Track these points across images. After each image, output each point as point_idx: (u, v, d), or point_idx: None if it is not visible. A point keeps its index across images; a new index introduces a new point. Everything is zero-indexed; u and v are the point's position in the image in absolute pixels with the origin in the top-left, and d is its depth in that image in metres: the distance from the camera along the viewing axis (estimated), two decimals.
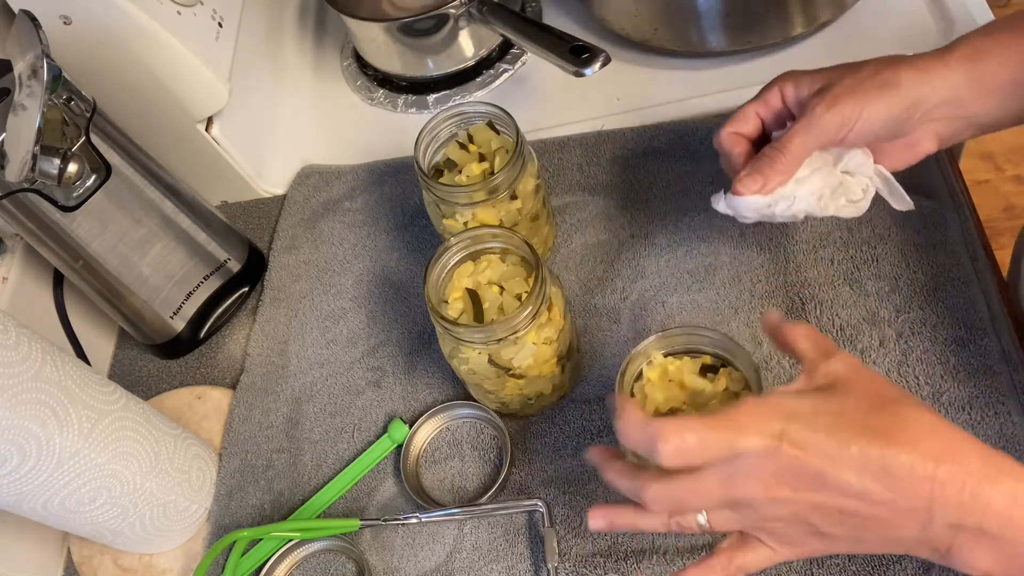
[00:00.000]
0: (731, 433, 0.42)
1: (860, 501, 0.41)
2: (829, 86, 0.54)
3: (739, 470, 0.42)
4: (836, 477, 0.41)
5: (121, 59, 0.73)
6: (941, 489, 0.40)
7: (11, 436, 0.54)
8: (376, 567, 0.65)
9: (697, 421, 0.42)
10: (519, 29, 0.79)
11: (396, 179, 0.84)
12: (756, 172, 0.55)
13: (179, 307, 0.76)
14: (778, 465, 0.41)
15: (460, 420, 0.70)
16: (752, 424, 0.42)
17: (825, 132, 0.54)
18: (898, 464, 0.40)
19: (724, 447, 0.42)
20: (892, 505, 0.41)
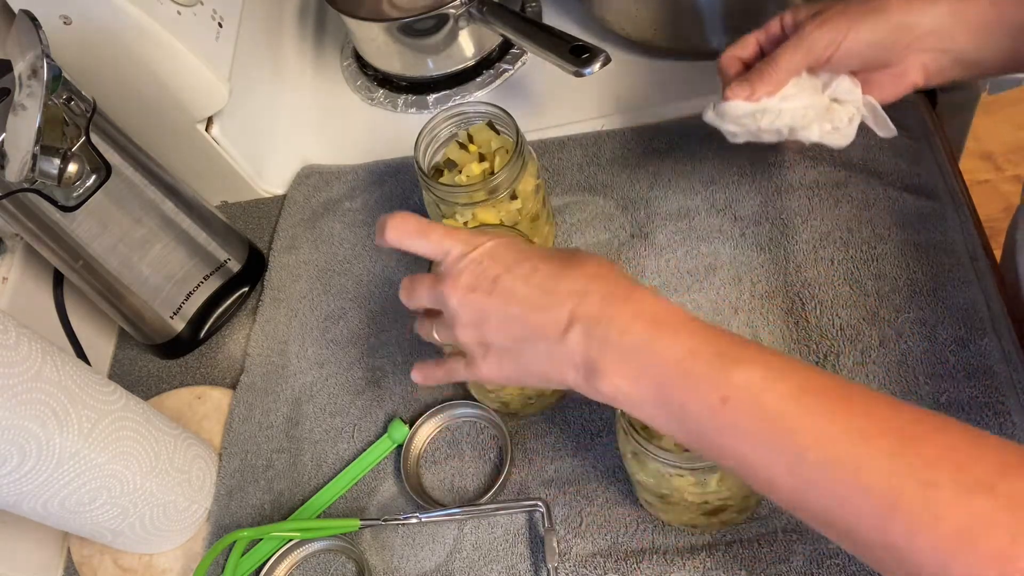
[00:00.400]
0: (443, 232, 0.51)
1: (519, 304, 0.47)
2: (822, 10, 0.58)
3: (442, 269, 0.50)
4: (506, 282, 0.48)
5: (121, 59, 0.73)
6: (582, 302, 0.46)
7: (11, 436, 0.54)
8: (376, 567, 0.65)
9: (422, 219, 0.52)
10: (519, 29, 0.79)
11: (396, 179, 0.84)
12: (745, 80, 0.59)
13: (179, 307, 0.76)
14: (468, 266, 0.49)
15: (460, 420, 0.70)
16: (464, 235, 0.50)
17: (813, 48, 0.57)
18: (557, 277, 0.47)
19: (435, 239, 0.51)
20: (543, 309, 0.47)
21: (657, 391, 0.43)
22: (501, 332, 0.48)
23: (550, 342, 0.46)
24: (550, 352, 0.47)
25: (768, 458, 0.41)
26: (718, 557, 0.60)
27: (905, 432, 0.39)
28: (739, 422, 0.41)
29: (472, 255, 0.49)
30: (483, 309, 0.48)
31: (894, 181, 0.72)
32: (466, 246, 0.50)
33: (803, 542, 0.59)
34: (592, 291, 0.46)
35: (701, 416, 0.42)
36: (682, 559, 0.60)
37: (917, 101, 0.76)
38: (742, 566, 0.59)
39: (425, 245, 0.51)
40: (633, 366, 0.44)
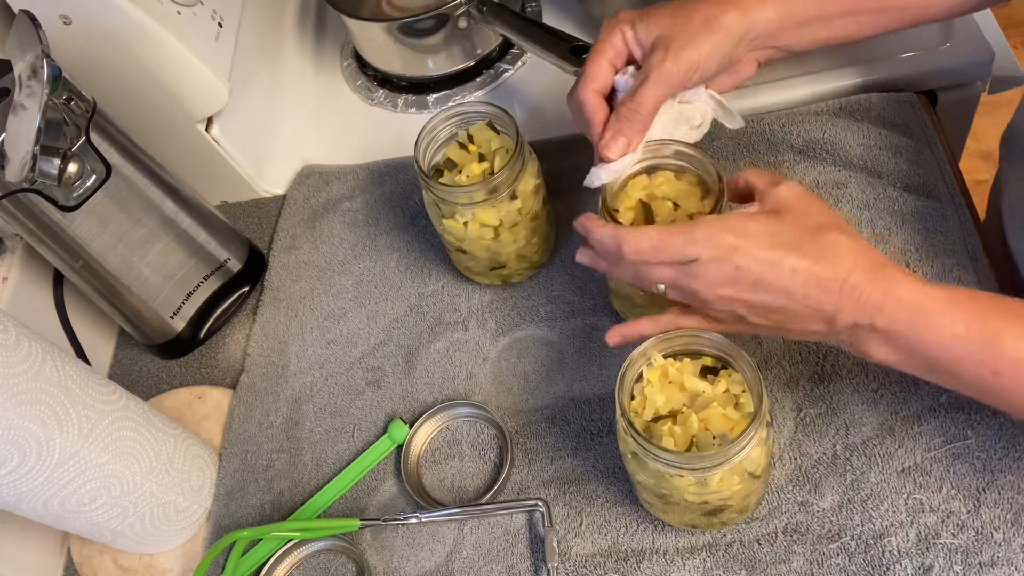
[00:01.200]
0: (684, 241, 0.52)
1: (786, 301, 0.51)
2: (667, 38, 0.58)
3: (692, 271, 0.52)
4: (770, 283, 0.51)
5: (121, 59, 0.73)
6: (843, 300, 0.50)
7: (11, 436, 0.54)
8: (376, 567, 0.65)
9: (656, 228, 0.54)
10: (519, 29, 0.79)
11: (396, 179, 0.84)
12: (619, 134, 0.59)
13: (179, 307, 0.76)
14: (723, 271, 0.51)
15: (460, 420, 0.70)
16: (705, 238, 0.52)
17: (673, 82, 0.59)
18: (816, 277, 0.50)
19: (676, 252, 0.52)
20: (807, 306, 0.51)
21: (927, 366, 0.51)
22: (762, 318, 0.53)
23: (815, 327, 0.52)
24: (814, 333, 0.53)
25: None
26: (718, 557, 0.60)
27: None
28: (1011, 389, 0.49)
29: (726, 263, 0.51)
30: (744, 303, 0.52)
31: (894, 181, 0.72)
32: (718, 250, 0.51)
33: (803, 542, 0.59)
34: (852, 288, 0.50)
35: (973, 384, 0.51)
36: (682, 559, 0.60)
37: (917, 101, 0.76)
38: (742, 566, 0.59)
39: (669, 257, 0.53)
40: (903, 349, 0.51)
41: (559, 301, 0.73)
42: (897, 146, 0.74)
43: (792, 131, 0.76)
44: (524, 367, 0.71)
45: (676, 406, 0.55)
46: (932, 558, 0.57)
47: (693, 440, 0.53)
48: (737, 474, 0.53)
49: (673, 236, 0.52)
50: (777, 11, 0.59)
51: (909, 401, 0.62)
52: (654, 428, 0.54)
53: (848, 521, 0.59)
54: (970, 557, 0.56)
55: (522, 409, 0.69)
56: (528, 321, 0.73)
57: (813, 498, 0.60)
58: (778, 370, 0.66)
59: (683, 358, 0.56)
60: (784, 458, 0.62)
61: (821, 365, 0.65)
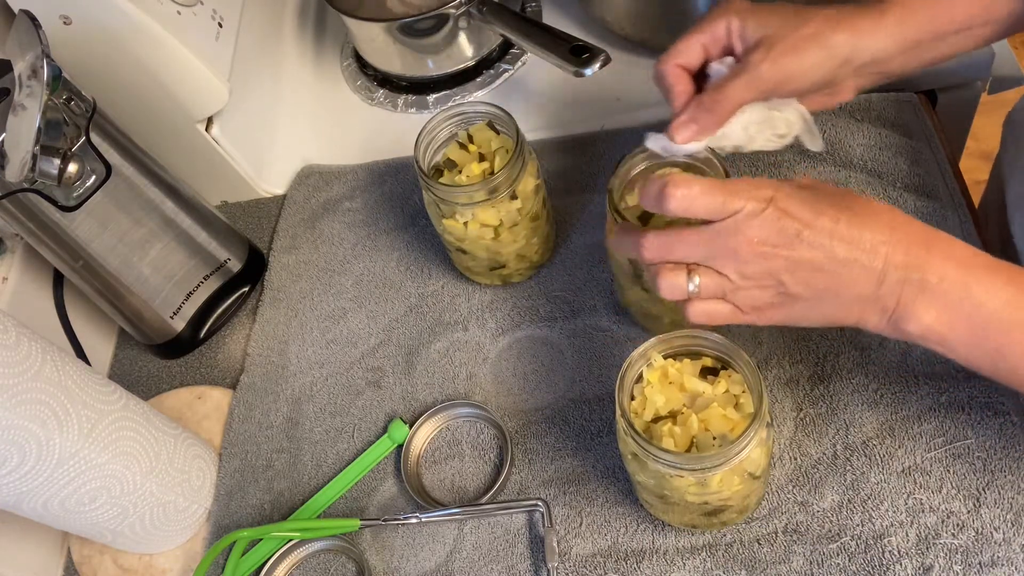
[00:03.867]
0: (728, 193, 0.50)
1: (827, 258, 0.49)
2: (772, 40, 0.56)
3: (732, 227, 0.49)
4: (811, 237, 0.48)
5: (121, 59, 0.73)
6: (892, 250, 0.48)
7: (11, 436, 0.54)
8: (376, 567, 0.65)
9: (701, 180, 0.50)
10: (519, 29, 0.79)
11: (396, 179, 0.84)
12: (692, 120, 0.57)
13: (179, 307, 0.76)
14: (762, 223, 0.49)
15: (460, 420, 0.70)
16: (746, 190, 0.50)
17: (762, 85, 0.57)
18: (859, 228, 0.48)
19: (720, 201, 0.49)
20: (854, 263, 0.48)
21: (971, 333, 0.48)
22: (805, 285, 0.50)
23: (861, 291, 0.49)
24: (859, 299, 0.49)
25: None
26: (718, 557, 0.60)
27: None
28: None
29: (768, 212, 0.49)
30: (786, 263, 0.49)
31: (894, 181, 0.72)
32: (758, 203, 0.49)
33: (803, 542, 0.59)
34: (898, 239, 0.48)
35: (1018, 358, 0.48)
36: (682, 559, 0.60)
37: (917, 101, 0.76)
38: (742, 566, 0.59)
39: (711, 208, 0.50)
40: (950, 311, 0.48)
41: (559, 301, 0.73)
42: (897, 146, 0.74)
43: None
44: (524, 367, 0.71)
45: (676, 406, 0.55)
46: (932, 558, 0.57)
47: (693, 440, 0.53)
48: (737, 474, 0.53)
49: (719, 186, 0.50)
50: (892, 37, 0.56)
51: (909, 401, 0.62)
52: (654, 429, 0.54)
53: (848, 521, 0.59)
54: (970, 557, 0.56)
55: (522, 409, 0.69)
56: (528, 321, 0.73)
57: (813, 498, 0.60)
58: (778, 370, 0.66)
59: (683, 358, 0.56)
60: (784, 458, 0.62)
61: (821, 365, 0.65)
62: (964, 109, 0.84)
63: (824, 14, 0.56)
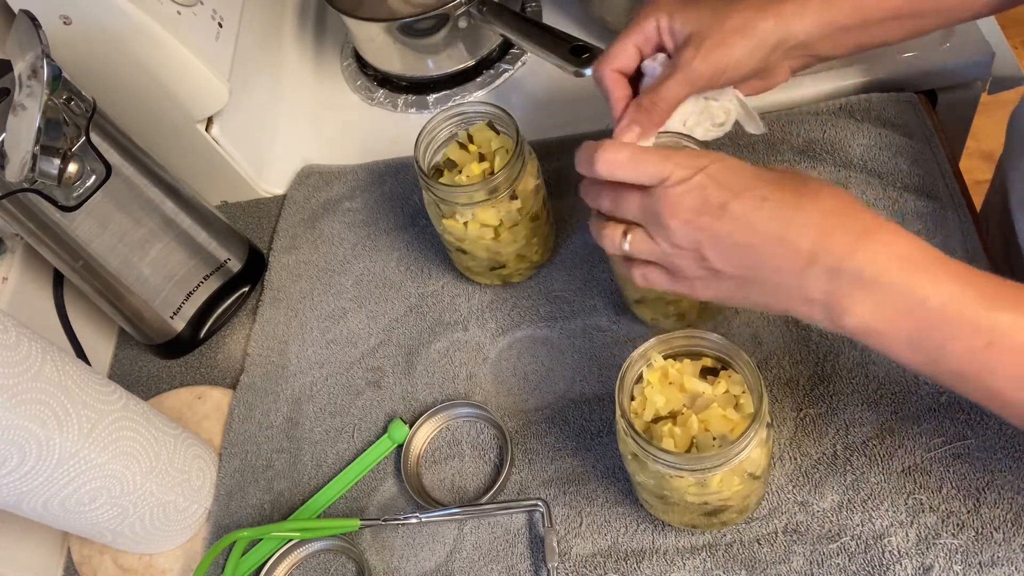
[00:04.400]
0: (659, 158, 0.49)
1: (751, 235, 0.46)
2: (701, 35, 0.56)
3: (659, 193, 0.49)
4: (736, 209, 0.46)
5: (121, 59, 0.73)
6: (826, 235, 0.45)
7: (11, 436, 0.54)
8: (376, 567, 0.65)
9: (631, 146, 0.51)
10: (519, 29, 0.79)
11: (396, 179, 0.84)
12: (635, 123, 0.57)
13: (179, 307, 0.76)
14: (687, 191, 0.48)
15: (460, 420, 0.70)
16: (681, 159, 0.49)
17: (698, 82, 0.57)
18: (791, 208, 0.46)
19: (651, 167, 0.49)
20: (778, 242, 0.46)
21: (913, 333, 0.45)
22: (726, 260, 0.48)
23: (784, 276, 0.46)
24: (783, 286, 0.47)
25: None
26: (718, 557, 0.60)
27: None
28: (1002, 365, 0.44)
29: (695, 179, 0.48)
30: (708, 235, 0.48)
31: (894, 181, 0.72)
32: (687, 170, 0.48)
33: (803, 542, 0.59)
34: (834, 226, 0.45)
35: (961, 358, 0.44)
36: (682, 559, 0.60)
37: (917, 101, 0.76)
38: (742, 566, 0.59)
39: (638, 173, 0.50)
40: (888, 308, 0.45)
41: (559, 301, 0.73)
42: (897, 146, 0.74)
43: (792, 131, 0.76)
44: (524, 367, 0.71)
45: (676, 407, 0.55)
46: (932, 558, 0.57)
47: (693, 441, 0.53)
48: (737, 475, 0.53)
49: (650, 153, 0.50)
50: (817, 20, 0.56)
51: (909, 401, 0.62)
52: (654, 429, 0.54)
53: (848, 521, 0.59)
54: (970, 557, 0.56)
55: (522, 409, 0.69)
56: (528, 321, 0.73)
57: (813, 498, 0.60)
58: (778, 370, 0.66)
59: (683, 359, 0.56)
60: (784, 458, 0.62)
61: (821, 365, 0.65)
62: (964, 109, 0.84)
63: (749, 3, 0.57)
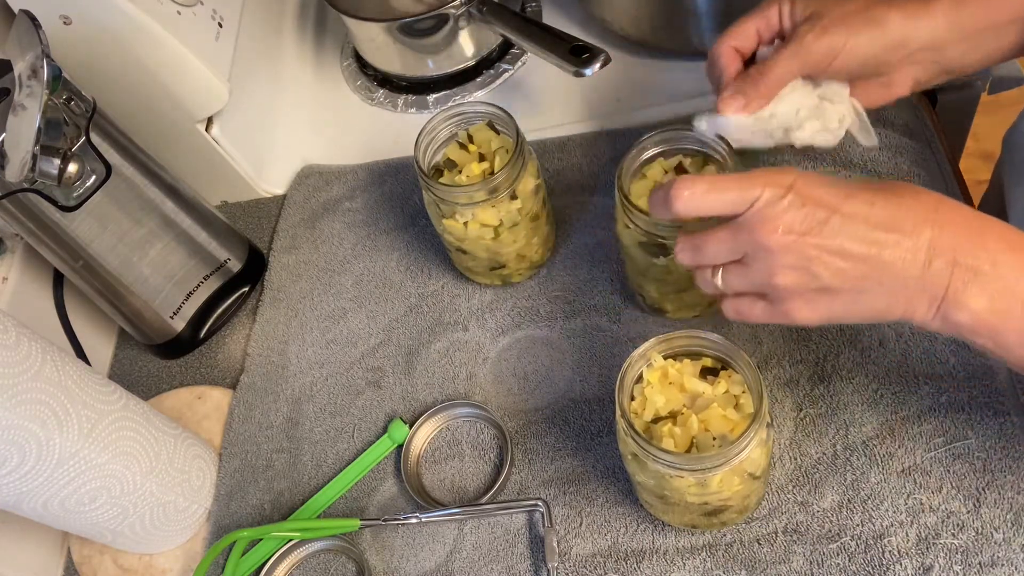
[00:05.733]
0: (743, 184, 0.47)
1: (863, 244, 0.45)
2: (819, 14, 0.55)
3: (753, 218, 0.46)
4: (841, 223, 0.45)
5: (121, 59, 0.73)
6: (940, 229, 0.44)
7: (11, 436, 0.54)
8: (376, 567, 0.65)
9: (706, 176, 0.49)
10: (519, 29, 0.79)
11: (396, 179, 0.84)
12: (739, 93, 0.57)
13: (179, 307, 0.76)
14: (785, 210, 0.46)
15: (460, 420, 0.70)
16: (763, 178, 0.47)
17: (811, 58, 0.55)
18: (899, 207, 0.45)
19: (734, 194, 0.47)
20: (896, 247, 0.45)
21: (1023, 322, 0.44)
22: (841, 275, 0.46)
23: (907, 277, 0.45)
24: (905, 287, 0.45)
25: None
26: (718, 557, 0.60)
27: None
28: None
29: (789, 197, 0.46)
30: (819, 251, 0.46)
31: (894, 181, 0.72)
32: (778, 188, 0.46)
33: (803, 542, 0.59)
34: (945, 220, 0.45)
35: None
36: (682, 559, 0.60)
37: (917, 101, 0.76)
38: (742, 566, 0.59)
39: (723, 200, 0.48)
40: (1004, 297, 0.44)
41: (559, 301, 0.73)
42: (897, 146, 0.74)
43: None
44: (524, 367, 0.71)
45: (676, 407, 0.55)
46: (932, 558, 0.57)
47: (693, 441, 0.53)
48: (737, 475, 0.53)
49: (728, 180, 0.48)
50: (947, 20, 0.54)
51: (909, 401, 0.62)
52: (654, 429, 0.54)
53: (848, 521, 0.59)
54: (970, 557, 0.56)
55: (522, 409, 0.69)
56: (528, 321, 0.73)
57: (813, 498, 0.60)
58: (778, 370, 0.66)
59: (683, 359, 0.56)
60: (784, 458, 0.62)
61: (821, 365, 0.65)
62: (964, 109, 0.84)
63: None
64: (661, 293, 0.67)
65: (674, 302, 0.67)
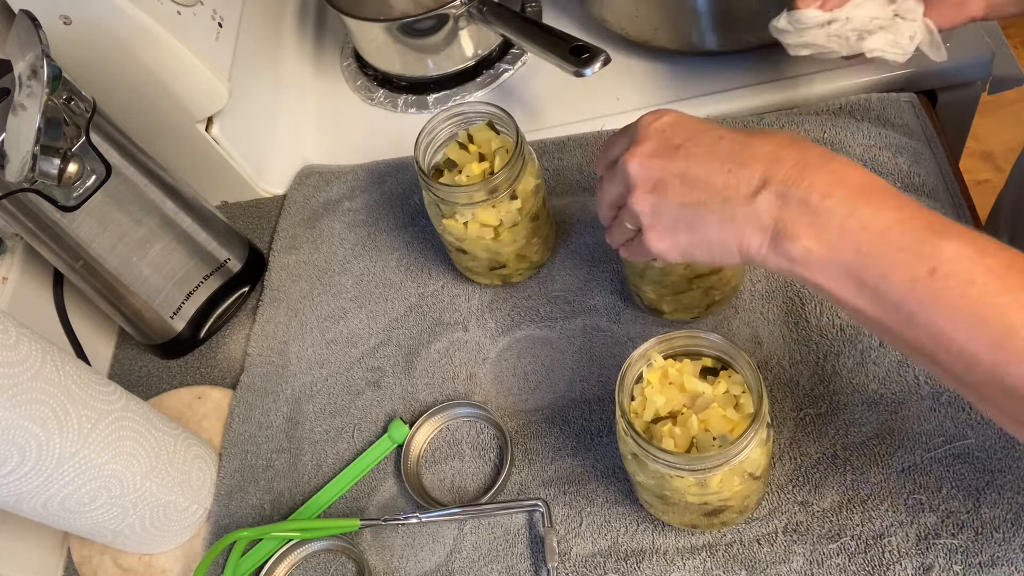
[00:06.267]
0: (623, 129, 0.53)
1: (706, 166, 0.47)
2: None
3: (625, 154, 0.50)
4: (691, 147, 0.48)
5: (121, 59, 0.73)
6: (777, 164, 0.45)
7: (11, 436, 0.54)
8: (376, 567, 0.65)
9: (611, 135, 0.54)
10: (519, 29, 0.79)
11: (396, 179, 0.84)
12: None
13: (179, 307, 0.76)
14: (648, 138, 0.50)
15: (460, 420, 0.70)
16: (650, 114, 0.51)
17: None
18: (745, 144, 0.47)
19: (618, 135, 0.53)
20: (730, 171, 0.46)
21: (855, 258, 0.43)
22: (679, 195, 0.48)
23: (736, 204, 0.46)
24: (735, 215, 0.46)
25: (972, 332, 0.41)
26: (718, 557, 0.60)
27: None
28: (945, 295, 0.41)
29: (653, 126, 0.50)
30: (663, 172, 0.49)
31: (894, 181, 0.72)
32: (645, 126, 0.50)
33: (803, 542, 0.59)
34: (786, 156, 0.46)
35: (902, 287, 0.42)
36: (682, 559, 0.60)
37: (917, 101, 0.76)
38: (742, 566, 0.59)
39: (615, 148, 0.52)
40: (832, 231, 0.44)
41: (559, 301, 0.73)
42: (897, 146, 0.74)
43: (792, 131, 0.76)
44: (524, 367, 0.71)
45: (676, 407, 0.55)
46: (932, 558, 0.57)
47: (693, 441, 0.53)
48: (737, 475, 0.53)
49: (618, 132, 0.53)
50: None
51: (909, 401, 0.62)
52: (654, 429, 0.54)
53: (848, 521, 0.59)
54: (970, 557, 0.56)
55: (522, 409, 0.69)
56: (528, 321, 0.73)
57: (813, 498, 0.60)
58: (778, 370, 0.66)
59: (683, 359, 0.56)
60: (784, 458, 0.62)
61: (821, 365, 0.65)
62: (964, 109, 0.84)
63: None
64: (658, 294, 0.67)
65: (671, 303, 0.67)
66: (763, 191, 0.45)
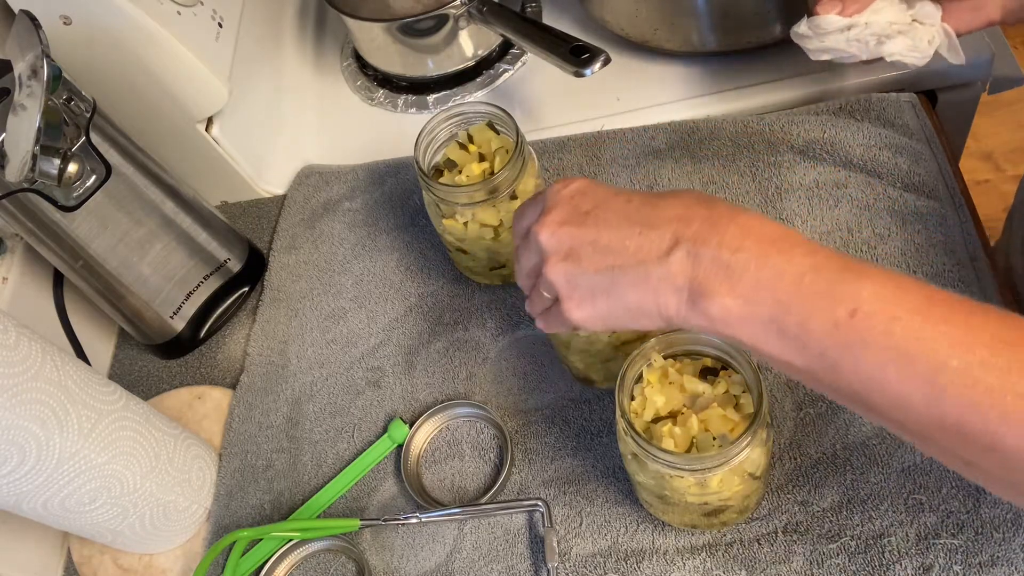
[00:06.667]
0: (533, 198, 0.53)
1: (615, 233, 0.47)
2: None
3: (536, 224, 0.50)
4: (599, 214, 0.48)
5: (121, 59, 0.73)
6: (687, 224, 0.45)
7: (11, 436, 0.54)
8: (376, 567, 0.65)
9: None
10: (519, 29, 0.79)
11: (396, 179, 0.84)
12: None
13: (179, 307, 0.76)
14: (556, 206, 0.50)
15: (460, 420, 0.70)
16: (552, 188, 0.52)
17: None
18: (653, 206, 0.47)
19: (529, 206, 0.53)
20: (640, 234, 0.46)
21: (774, 310, 0.42)
22: (593, 262, 0.47)
23: (649, 265, 0.45)
24: (648, 276, 0.46)
25: (902, 371, 0.40)
26: (718, 557, 0.60)
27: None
28: (869, 336, 0.40)
29: (563, 192, 0.50)
30: (574, 240, 0.48)
31: (894, 181, 0.72)
32: (555, 195, 0.50)
33: (803, 542, 0.59)
34: (695, 216, 0.45)
35: (824, 333, 0.41)
36: (682, 559, 0.60)
37: (917, 101, 0.76)
38: (742, 566, 0.59)
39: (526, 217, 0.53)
40: (748, 285, 0.43)
41: None
42: (897, 146, 0.74)
43: (792, 131, 0.76)
44: (524, 367, 0.71)
45: (676, 407, 0.55)
46: (932, 558, 0.57)
47: (693, 441, 0.53)
48: (737, 475, 0.53)
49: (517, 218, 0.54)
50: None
51: None
52: (654, 429, 0.54)
53: (848, 521, 0.59)
54: (970, 557, 0.56)
55: (522, 409, 0.69)
56: (528, 321, 0.73)
57: (813, 498, 0.60)
58: (778, 370, 0.66)
59: (683, 359, 0.56)
60: (784, 458, 0.62)
61: None
62: (964, 109, 0.84)
63: None
64: (586, 364, 0.65)
65: (599, 372, 0.66)
66: (675, 250, 0.45)
